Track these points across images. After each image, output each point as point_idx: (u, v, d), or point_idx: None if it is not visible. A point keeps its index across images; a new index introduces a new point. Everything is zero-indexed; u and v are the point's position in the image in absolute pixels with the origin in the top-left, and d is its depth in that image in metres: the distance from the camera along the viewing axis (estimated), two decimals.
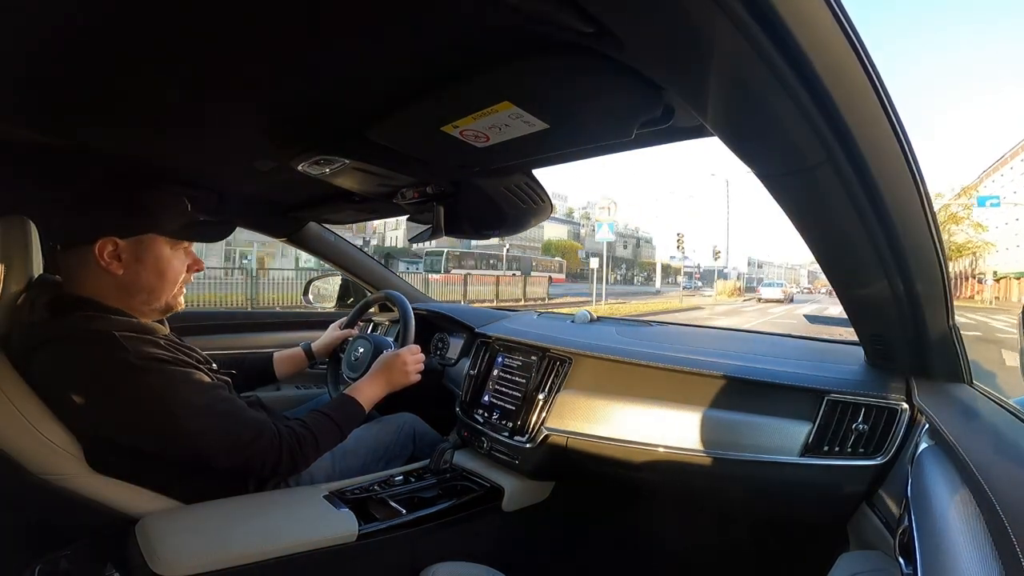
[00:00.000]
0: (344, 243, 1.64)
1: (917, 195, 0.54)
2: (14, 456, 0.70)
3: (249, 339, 1.52)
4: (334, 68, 0.57)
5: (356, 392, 0.99)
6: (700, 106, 0.48)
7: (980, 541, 0.40)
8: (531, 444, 1.05)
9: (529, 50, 0.51)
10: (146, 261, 0.80)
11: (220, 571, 0.70)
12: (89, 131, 0.75)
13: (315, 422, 0.89)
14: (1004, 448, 0.56)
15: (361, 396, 0.98)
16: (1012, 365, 5.72)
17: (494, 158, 0.79)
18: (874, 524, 0.70)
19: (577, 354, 1.07)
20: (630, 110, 0.60)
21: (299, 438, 0.85)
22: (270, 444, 0.81)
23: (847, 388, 0.79)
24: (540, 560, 1.12)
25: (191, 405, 0.74)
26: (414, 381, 1.07)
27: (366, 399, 0.98)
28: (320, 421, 0.90)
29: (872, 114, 0.46)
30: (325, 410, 0.93)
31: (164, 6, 0.46)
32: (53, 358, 0.72)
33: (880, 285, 0.64)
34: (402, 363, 1.05)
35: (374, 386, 1.01)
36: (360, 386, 1.00)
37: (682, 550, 1.24)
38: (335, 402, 0.96)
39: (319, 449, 0.88)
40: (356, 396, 0.98)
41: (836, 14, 0.39)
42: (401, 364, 1.05)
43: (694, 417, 0.89)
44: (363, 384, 1.01)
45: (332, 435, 0.90)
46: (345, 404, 0.96)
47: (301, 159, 0.84)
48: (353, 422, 0.95)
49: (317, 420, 0.90)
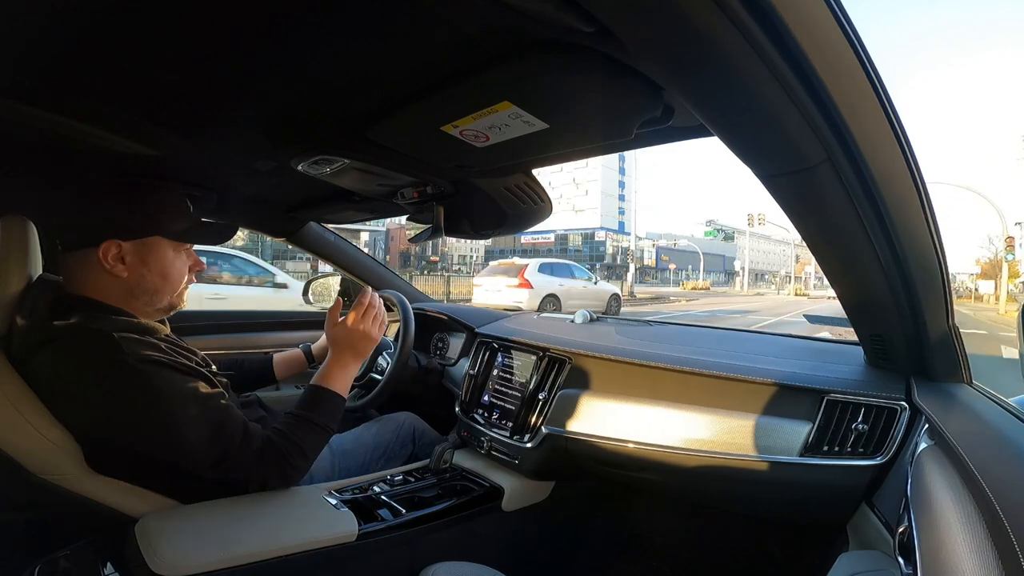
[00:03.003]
0: (344, 243, 1.64)
1: (917, 195, 0.54)
2: (14, 456, 0.70)
3: (249, 339, 1.52)
4: (334, 68, 0.57)
5: (326, 380, 0.90)
6: (700, 106, 0.48)
7: (980, 541, 0.40)
8: (531, 444, 1.05)
9: (529, 50, 0.51)
10: (150, 263, 0.80)
11: (220, 571, 0.70)
12: (89, 131, 0.75)
13: (296, 430, 0.83)
14: (1004, 448, 0.56)
15: (334, 383, 0.90)
16: (1008, 357, 5.74)
17: (494, 158, 0.79)
18: (874, 524, 0.70)
19: (577, 354, 1.07)
20: (630, 110, 0.60)
21: (284, 453, 0.80)
22: (256, 462, 0.78)
23: (847, 388, 0.79)
24: (540, 560, 1.13)
25: (184, 414, 0.73)
26: (380, 335, 0.97)
27: (341, 384, 0.90)
28: (301, 428, 0.83)
29: (872, 114, 0.46)
30: (302, 412, 0.85)
31: (164, 5, 0.46)
32: (53, 358, 0.72)
33: (880, 285, 0.64)
34: (359, 332, 0.93)
35: (343, 365, 0.92)
36: (328, 372, 0.91)
37: (682, 550, 1.24)
38: (309, 398, 0.87)
39: (308, 458, 0.83)
40: (328, 384, 0.89)
41: (836, 14, 0.39)
42: (358, 331, 0.93)
43: (694, 417, 0.89)
44: (330, 369, 0.91)
45: (317, 438, 0.85)
46: (320, 398, 0.88)
47: (301, 159, 0.83)
48: (335, 415, 0.88)
49: (298, 427, 0.83)
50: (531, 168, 0.92)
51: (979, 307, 22.36)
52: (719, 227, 37.06)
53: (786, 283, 40.61)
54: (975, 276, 34.10)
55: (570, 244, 49.90)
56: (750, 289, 40.31)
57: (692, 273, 47.72)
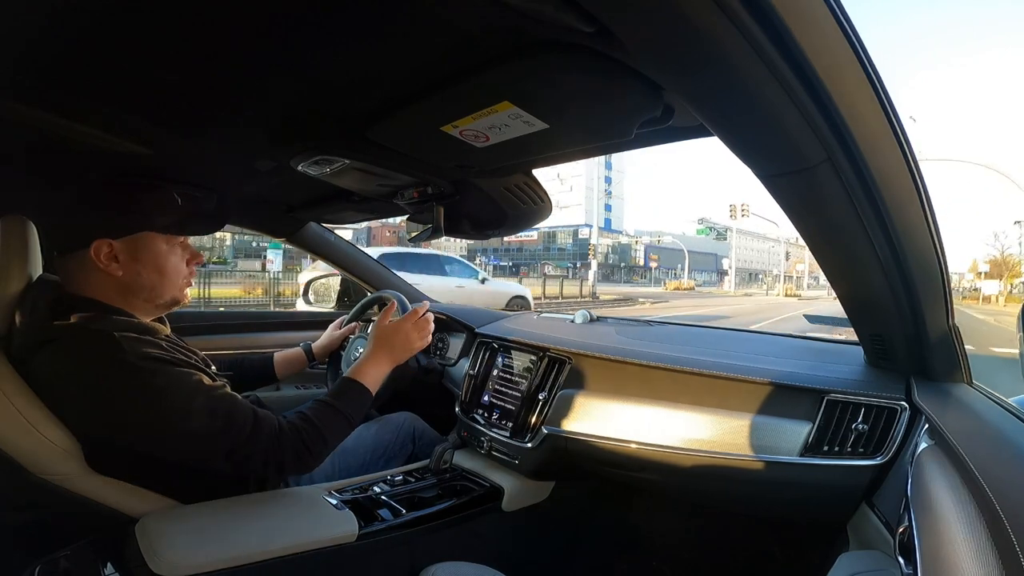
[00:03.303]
0: (344, 243, 1.64)
1: (917, 195, 0.54)
2: (14, 456, 0.70)
3: (249, 339, 1.52)
4: (334, 68, 0.57)
5: (359, 374, 0.91)
6: (700, 106, 0.48)
7: (980, 541, 0.40)
8: (531, 444, 1.05)
9: (529, 50, 0.51)
10: (143, 259, 0.80)
11: (220, 571, 0.70)
12: (89, 131, 0.75)
13: (319, 414, 0.82)
14: (1004, 448, 0.56)
15: (366, 377, 0.90)
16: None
17: (494, 158, 0.79)
18: (874, 524, 0.70)
19: (577, 354, 1.07)
20: (630, 110, 0.60)
21: (303, 436, 0.79)
22: (271, 446, 0.77)
23: (847, 388, 0.79)
24: (540, 560, 1.13)
25: (190, 407, 0.73)
26: (421, 348, 1.00)
27: (371, 380, 0.91)
28: (324, 413, 0.83)
29: (872, 114, 0.46)
30: (328, 399, 0.85)
31: (164, 6, 0.46)
32: (53, 358, 0.72)
33: (880, 285, 0.64)
34: (404, 335, 0.97)
35: (378, 365, 0.93)
36: (362, 367, 0.92)
37: (682, 550, 1.24)
38: (338, 388, 0.88)
39: (328, 444, 0.82)
40: (360, 378, 0.90)
41: (836, 14, 0.39)
42: (403, 337, 0.97)
43: (694, 417, 0.89)
44: (365, 363, 0.93)
45: (340, 426, 0.84)
46: (349, 389, 0.88)
47: (301, 159, 0.83)
48: (361, 408, 0.88)
49: (321, 412, 0.83)
50: (531, 168, 0.92)
51: (996, 311, 19.86)
52: (711, 225, 36.68)
53: (776, 283, 39.76)
54: (982, 275, 33.72)
55: (557, 242, 49.56)
56: (739, 289, 39.89)
57: (680, 272, 47.52)
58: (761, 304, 20.06)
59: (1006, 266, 33.69)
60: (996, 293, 29.15)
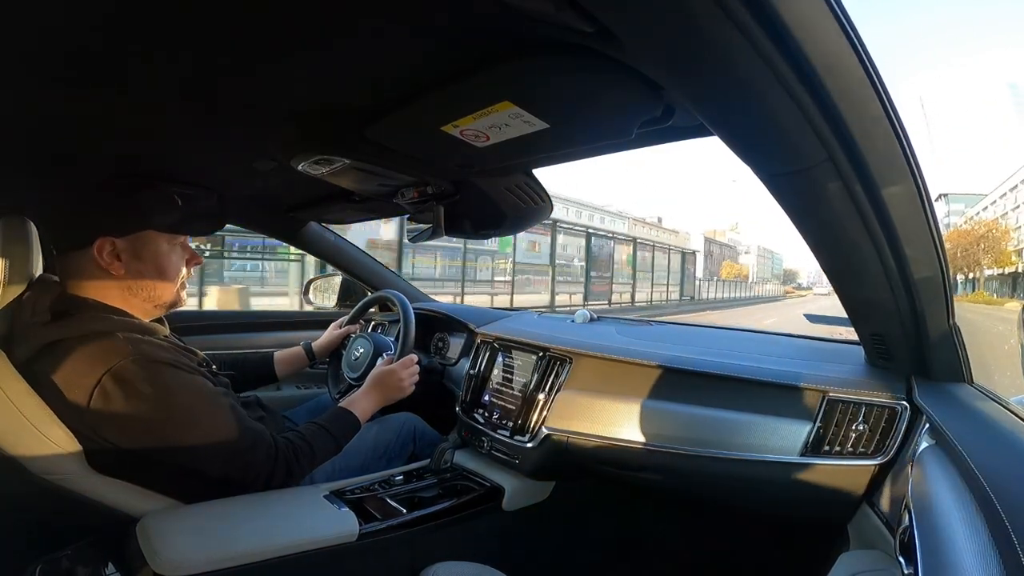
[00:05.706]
0: (344, 243, 1.64)
1: (917, 194, 0.54)
2: (14, 456, 0.70)
3: (249, 339, 1.52)
4: (334, 68, 0.57)
5: (352, 405, 1.00)
6: (700, 106, 0.48)
7: (981, 541, 0.40)
8: (531, 444, 1.04)
9: (529, 50, 0.51)
10: (145, 258, 0.80)
11: (220, 571, 0.70)
12: (88, 131, 0.75)
13: (312, 434, 0.90)
14: (1005, 447, 0.56)
15: (357, 408, 1.00)
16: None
17: (494, 158, 0.79)
18: (875, 524, 0.70)
19: (577, 353, 1.07)
20: (630, 110, 0.60)
21: (296, 450, 0.85)
22: (266, 456, 0.81)
23: (847, 387, 0.79)
24: (540, 560, 1.12)
25: (190, 411, 0.74)
26: (407, 394, 1.10)
27: (361, 411, 1.00)
28: (317, 433, 0.91)
29: (872, 114, 0.46)
30: (322, 422, 0.94)
31: (164, 6, 0.46)
32: (54, 359, 0.72)
33: (880, 285, 0.64)
34: (397, 378, 1.08)
35: (369, 400, 1.04)
36: (356, 400, 1.03)
37: (682, 550, 1.24)
38: (331, 414, 0.98)
39: (314, 462, 0.89)
40: (352, 409, 0.99)
41: (836, 14, 0.39)
42: (396, 380, 1.08)
43: (694, 417, 0.89)
44: (359, 397, 1.03)
45: (328, 448, 0.92)
46: (341, 417, 0.98)
47: (301, 159, 0.83)
48: (349, 435, 0.97)
49: (314, 432, 0.91)
50: (532, 168, 0.92)
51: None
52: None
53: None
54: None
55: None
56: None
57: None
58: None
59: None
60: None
